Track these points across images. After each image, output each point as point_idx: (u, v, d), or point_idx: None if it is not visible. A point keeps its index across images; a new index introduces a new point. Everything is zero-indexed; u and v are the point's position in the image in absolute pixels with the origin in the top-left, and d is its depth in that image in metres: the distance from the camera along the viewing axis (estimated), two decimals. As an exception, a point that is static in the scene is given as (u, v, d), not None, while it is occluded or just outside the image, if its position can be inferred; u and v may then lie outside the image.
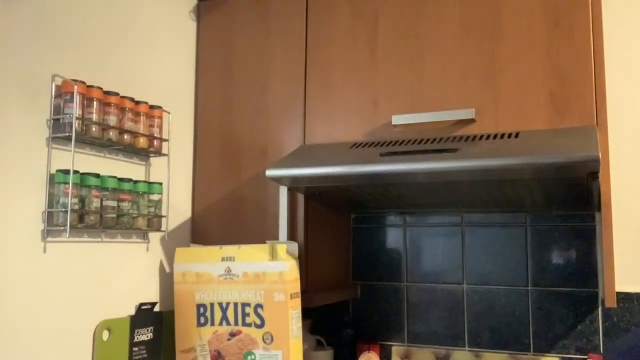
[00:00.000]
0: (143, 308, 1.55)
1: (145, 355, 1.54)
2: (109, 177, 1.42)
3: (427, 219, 1.83)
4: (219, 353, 1.53)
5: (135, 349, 1.51)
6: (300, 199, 1.62)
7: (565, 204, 1.56)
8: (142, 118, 1.52)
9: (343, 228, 1.89)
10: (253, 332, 1.49)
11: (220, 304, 1.53)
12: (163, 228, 1.63)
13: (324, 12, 1.66)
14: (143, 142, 1.52)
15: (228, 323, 1.52)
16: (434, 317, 1.78)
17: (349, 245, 1.92)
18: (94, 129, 1.38)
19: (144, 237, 1.60)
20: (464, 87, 1.46)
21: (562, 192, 1.38)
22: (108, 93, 1.43)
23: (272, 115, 1.71)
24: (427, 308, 1.79)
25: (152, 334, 1.57)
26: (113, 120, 1.43)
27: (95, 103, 1.39)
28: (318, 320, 1.93)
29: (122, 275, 1.51)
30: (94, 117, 1.38)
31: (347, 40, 1.62)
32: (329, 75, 1.63)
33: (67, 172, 1.31)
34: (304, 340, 1.74)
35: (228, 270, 1.52)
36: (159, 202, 1.58)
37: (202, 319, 1.55)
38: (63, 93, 1.33)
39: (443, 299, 1.78)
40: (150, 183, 1.56)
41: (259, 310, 1.48)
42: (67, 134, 1.32)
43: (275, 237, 1.65)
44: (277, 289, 1.47)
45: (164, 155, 1.63)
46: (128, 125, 1.48)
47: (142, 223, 1.53)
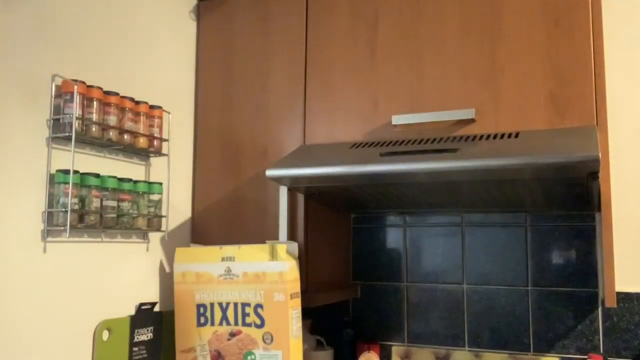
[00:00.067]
0: (143, 308, 1.55)
1: (145, 355, 1.54)
2: (109, 177, 1.43)
3: (427, 219, 1.83)
4: (219, 353, 1.53)
5: (135, 349, 1.51)
6: (300, 199, 1.62)
7: (565, 204, 1.56)
8: (142, 118, 1.52)
9: (343, 228, 1.89)
10: (253, 332, 1.49)
11: (220, 304, 1.53)
12: (163, 228, 1.63)
13: (324, 12, 1.66)
14: (143, 142, 1.52)
15: (228, 323, 1.52)
16: (434, 317, 1.78)
17: (349, 245, 1.92)
18: (94, 129, 1.38)
19: (144, 237, 1.60)
20: (464, 87, 1.46)
21: (562, 192, 1.38)
22: (108, 93, 1.43)
23: (272, 115, 1.71)
24: (427, 308, 1.79)
25: (152, 334, 1.57)
26: (113, 120, 1.43)
27: (95, 103, 1.39)
28: (318, 320, 1.93)
29: (122, 275, 1.52)
30: (94, 117, 1.38)
31: (347, 41, 1.62)
32: (329, 75, 1.63)
33: (67, 172, 1.31)
34: (304, 340, 1.74)
35: (228, 270, 1.52)
36: (159, 202, 1.58)
37: (202, 319, 1.55)
38: (63, 93, 1.33)
39: (443, 299, 1.78)
40: (150, 183, 1.56)
41: (259, 310, 1.48)
42: (67, 134, 1.32)
43: (275, 237, 1.65)
44: (277, 289, 1.47)
45: (164, 155, 1.63)
46: (128, 125, 1.48)
47: (142, 223, 1.53)
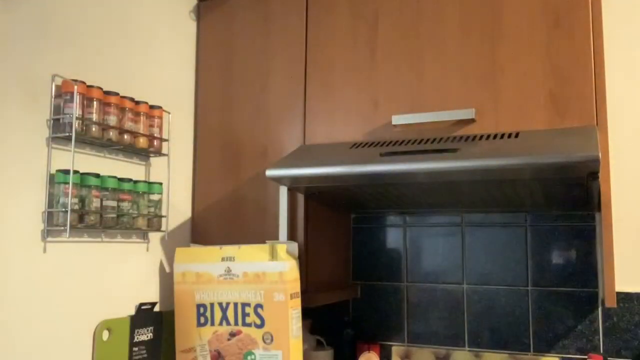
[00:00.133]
0: (143, 308, 1.55)
1: (145, 355, 1.54)
2: (109, 177, 1.43)
3: (427, 219, 1.83)
4: (219, 353, 1.53)
5: (135, 349, 1.51)
6: (300, 199, 1.62)
7: (565, 204, 1.56)
8: (142, 118, 1.52)
9: (343, 228, 1.89)
10: (253, 332, 1.49)
11: (220, 304, 1.53)
12: (163, 228, 1.63)
13: (324, 12, 1.66)
14: (143, 142, 1.52)
15: (228, 323, 1.52)
16: (434, 317, 1.78)
17: (349, 245, 1.92)
18: (94, 129, 1.38)
19: (144, 237, 1.60)
20: (464, 87, 1.46)
21: (562, 192, 1.38)
22: (108, 93, 1.43)
23: (272, 115, 1.70)
24: (427, 308, 1.79)
25: (152, 334, 1.57)
26: (113, 120, 1.43)
27: (95, 103, 1.39)
28: (318, 320, 1.93)
29: (122, 275, 1.52)
30: (94, 117, 1.38)
31: (347, 40, 1.62)
32: (329, 75, 1.63)
33: (67, 172, 1.31)
34: (304, 340, 1.74)
35: (228, 270, 1.52)
36: (159, 202, 1.58)
37: (202, 319, 1.55)
38: (63, 93, 1.33)
39: (443, 299, 1.78)
40: (150, 183, 1.56)
41: (259, 310, 1.48)
42: (67, 134, 1.32)
43: (275, 237, 1.65)
44: (277, 289, 1.47)
45: (164, 155, 1.63)
46: (128, 125, 1.48)
47: (142, 223, 1.53)
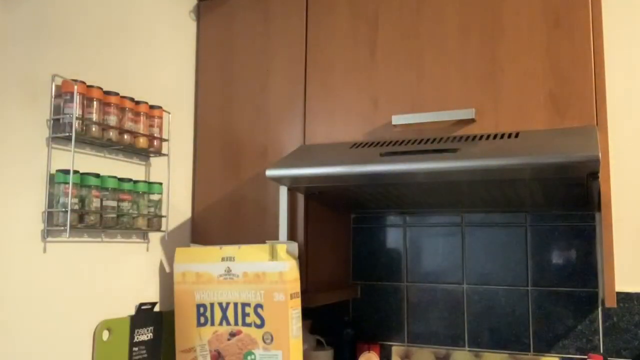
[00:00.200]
0: (143, 308, 1.55)
1: (145, 355, 1.54)
2: (109, 177, 1.43)
3: (427, 219, 1.83)
4: (219, 353, 1.53)
5: (135, 349, 1.51)
6: (300, 199, 1.62)
7: (565, 204, 1.56)
8: (142, 118, 1.52)
9: (343, 228, 1.89)
10: (253, 332, 1.49)
11: (220, 304, 1.53)
12: (163, 228, 1.63)
13: (324, 12, 1.66)
14: (143, 142, 1.52)
15: (228, 323, 1.52)
16: (434, 317, 1.78)
17: (349, 245, 1.92)
18: (94, 129, 1.38)
19: (144, 237, 1.60)
20: (464, 87, 1.46)
21: (562, 192, 1.38)
22: (108, 93, 1.43)
23: (272, 115, 1.70)
24: (427, 308, 1.79)
25: (152, 334, 1.57)
26: (113, 120, 1.43)
27: (95, 103, 1.39)
28: (318, 320, 1.93)
29: (122, 276, 1.52)
30: (94, 117, 1.38)
31: (347, 41, 1.62)
32: (329, 76, 1.63)
33: (67, 172, 1.31)
34: (304, 340, 1.74)
35: (228, 270, 1.52)
36: (159, 202, 1.58)
37: (202, 319, 1.55)
38: (63, 93, 1.33)
39: (443, 299, 1.78)
40: (150, 183, 1.56)
41: (259, 310, 1.48)
42: (67, 134, 1.32)
43: (275, 237, 1.65)
44: (277, 289, 1.47)
45: (164, 155, 1.63)
46: (128, 125, 1.48)
47: (142, 223, 1.53)
